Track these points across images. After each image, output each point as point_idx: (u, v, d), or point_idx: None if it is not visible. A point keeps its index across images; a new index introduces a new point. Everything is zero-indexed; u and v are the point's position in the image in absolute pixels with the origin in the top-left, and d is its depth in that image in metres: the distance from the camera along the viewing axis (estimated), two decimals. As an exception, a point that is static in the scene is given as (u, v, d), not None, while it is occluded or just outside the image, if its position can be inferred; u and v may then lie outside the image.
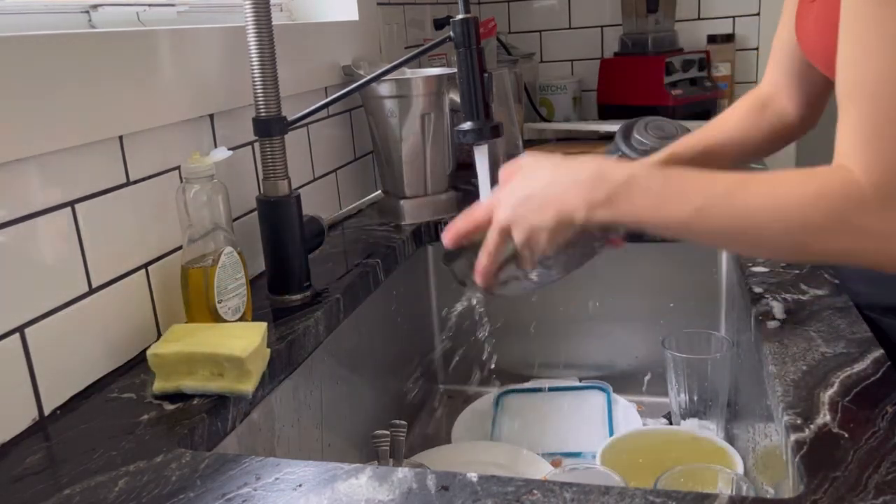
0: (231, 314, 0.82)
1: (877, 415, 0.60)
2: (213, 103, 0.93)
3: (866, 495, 0.50)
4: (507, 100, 1.39)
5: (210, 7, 1.10)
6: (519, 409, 1.18)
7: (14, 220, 0.67)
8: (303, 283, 0.94)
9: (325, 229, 1.00)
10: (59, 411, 0.71)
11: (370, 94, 1.20)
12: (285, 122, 0.91)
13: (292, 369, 0.83)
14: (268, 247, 0.93)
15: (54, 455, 0.63)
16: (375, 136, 1.24)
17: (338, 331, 0.95)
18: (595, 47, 2.02)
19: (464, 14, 0.87)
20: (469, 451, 1.05)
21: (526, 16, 2.05)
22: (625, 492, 0.52)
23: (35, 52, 0.68)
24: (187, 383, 0.71)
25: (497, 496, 0.53)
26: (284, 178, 0.92)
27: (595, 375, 1.23)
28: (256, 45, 0.87)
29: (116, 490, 0.57)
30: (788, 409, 0.62)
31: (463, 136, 0.88)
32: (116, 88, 0.77)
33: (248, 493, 0.56)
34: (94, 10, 0.88)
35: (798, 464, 0.55)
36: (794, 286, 0.86)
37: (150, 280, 0.83)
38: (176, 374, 0.71)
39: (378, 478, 0.56)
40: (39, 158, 0.69)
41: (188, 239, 0.81)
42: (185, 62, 0.88)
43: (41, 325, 0.69)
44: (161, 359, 0.71)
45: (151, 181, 0.84)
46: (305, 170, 1.17)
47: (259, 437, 0.77)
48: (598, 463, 0.90)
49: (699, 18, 1.95)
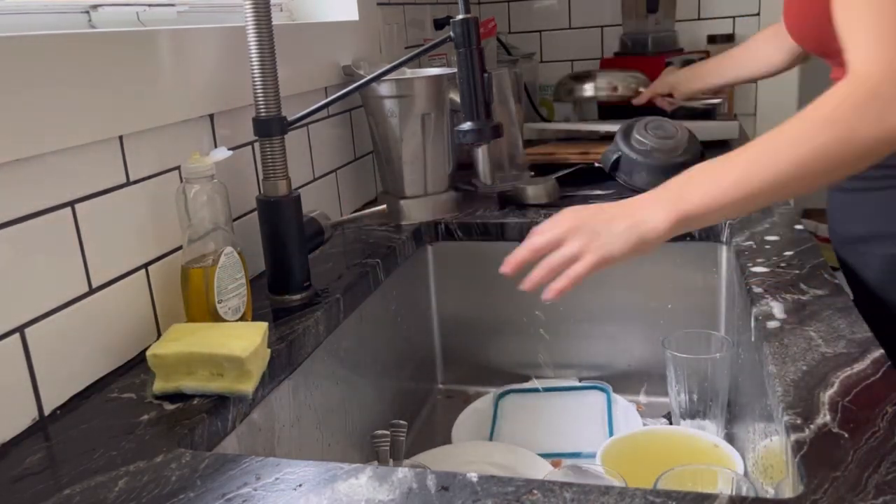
0: (231, 314, 0.82)
1: (877, 415, 0.60)
2: (213, 103, 0.93)
3: (866, 495, 0.50)
4: (507, 100, 1.39)
5: (210, 7, 1.10)
6: (519, 409, 1.18)
7: (14, 220, 0.67)
8: (303, 283, 0.94)
9: (325, 229, 1.00)
10: (59, 411, 0.71)
11: (370, 94, 1.20)
12: (285, 122, 0.91)
13: (292, 369, 0.83)
14: (268, 247, 0.93)
15: (54, 455, 0.63)
16: (375, 136, 1.24)
17: (338, 331, 0.95)
18: (595, 47, 2.02)
19: (464, 14, 0.87)
20: (469, 451, 1.05)
21: (526, 16, 2.05)
22: (625, 492, 0.52)
23: (35, 52, 0.68)
24: (187, 383, 0.70)
25: (497, 496, 0.53)
26: (284, 178, 0.92)
27: (595, 375, 1.23)
28: (256, 45, 0.87)
29: (116, 490, 0.57)
30: (788, 409, 0.62)
31: (463, 136, 0.88)
32: (116, 88, 0.77)
33: (248, 493, 0.56)
34: (94, 10, 0.88)
35: (798, 464, 0.55)
36: (794, 286, 0.86)
37: (150, 280, 0.83)
38: (176, 375, 0.71)
39: (378, 478, 0.56)
40: (39, 158, 0.69)
41: (188, 239, 0.81)
42: (185, 62, 0.88)
43: (41, 325, 0.69)
44: (160, 359, 0.71)
45: (151, 181, 0.84)
46: (305, 170, 1.17)
47: (259, 437, 0.77)
48: (599, 463, 0.90)
49: (699, 18, 1.95)
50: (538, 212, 1.23)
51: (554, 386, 1.21)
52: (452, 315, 1.28)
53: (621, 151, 1.30)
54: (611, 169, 1.31)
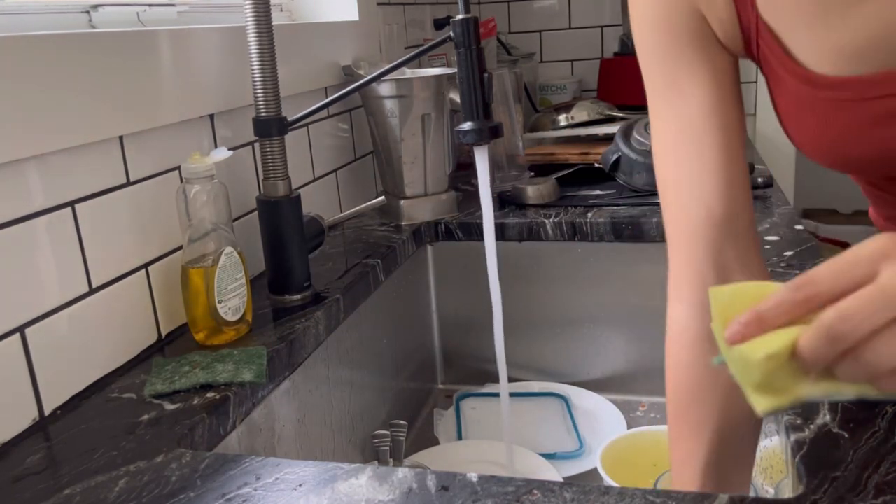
0: (231, 314, 0.82)
1: (877, 415, 0.60)
2: (213, 103, 0.93)
3: (866, 495, 0.50)
4: (507, 100, 1.39)
5: (210, 7, 1.10)
6: (482, 412, 1.19)
7: (14, 220, 0.67)
8: (303, 283, 0.94)
9: (325, 229, 1.00)
10: (59, 411, 0.71)
11: (370, 94, 1.20)
12: (285, 122, 0.91)
13: (292, 369, 0.83)
14: (268, 247, 0.93)
15: (54, 455, 0.63)
16: (375, 136, 1.24)
17: (338, 331, 0.95)
18: (595, 47, 2.02)
19: (464, 14, 0.87)
20: (469, 451, 1.05)
21: (526, 16, 2.04)
22: (625, 492, 0.52)
23: (35, 52, 0.68)
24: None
25: (497, 496, 0.53)
26: (284, 179, 0.92)
27: (596, 376, 1.23)
28: (256, 45, 0.88)
29: (116, 490, 0.57)
30: (788, 409, 0.62)
31: (463, 137, 0.88)
32: (116, 88, 0.77)
33: (248, 493, 0.56)
34: (94, 10, 0.88)
35: (798, 464, 0.55)
36: (794, 286, 0.86)
37: (150, 280, 0.83)
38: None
39: (378, 478, 0.56)
40: (39, 158, 0.69)
41: (188, 239, 0.81)
42: (185, 62, 0.88)
43: (41, 325, 0.69)
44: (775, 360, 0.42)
45: (151, 181, 0.84)
46: (305, 170, 1.17)
47: (259, 437, 0.77)
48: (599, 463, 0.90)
49: (699, 18, 1.95)
50: (538, 212, 1.23)
51: (515, 391, 1.22)
52: (452, 315, 1.28)
53: (621, 151, 1.30)
54: (611, 169, 1.32)
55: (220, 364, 0.76)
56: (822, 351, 0.40)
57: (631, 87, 1.80)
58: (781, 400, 0.42)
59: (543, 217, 1.20)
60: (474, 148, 0.87)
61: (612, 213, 1.19)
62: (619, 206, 1.22)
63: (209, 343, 0.82)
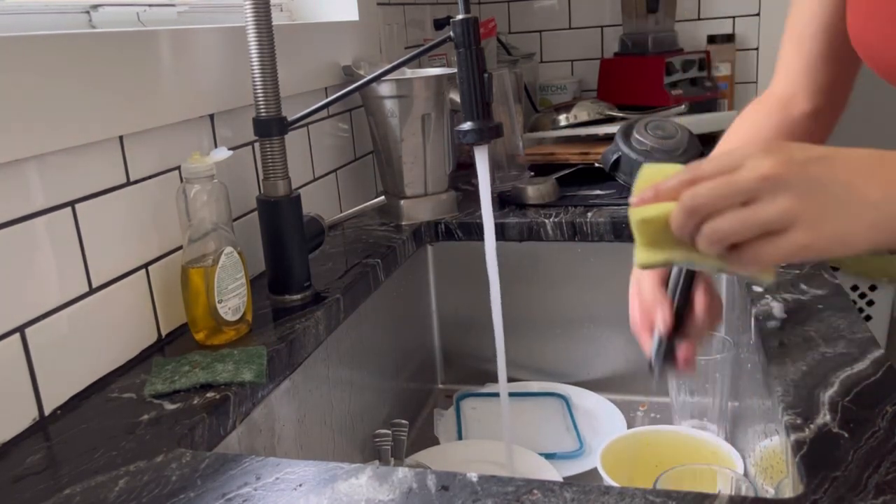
0: (231, 314, 0.82)
1: (877, 415, 0.60)
2: (213, 103, 0.93)
3: (866, 495, 0.50)
4: (507, 100, 1.39)
5: (210, 7, 1.10)
6: (482, 412, 1.19)
7: (14, 219, 0.67)
8: (303, 283, 0.94)
9: (325, 229, 1.00)
10: (59, 411, 0.71)
11: (370, 94, 1.20)
12: (285, 122, 0.91)
13: (292, 369, 0.83)
14: (268, 247, 0.93)
15: (54, 455, 0.63)
16: (375, 136, 1.24)
17: (338, 331, 0.95)
18: (595, 47, 2.02)
19: (464, 14, 0.87)
20: (469, 451, 1.05)
21: (526, 16, 2.04)
22: (625, 492, 0.52)
23: (35, 52, 0.68)
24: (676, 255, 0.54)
25: (497, 496, 0.53)
26: (284, 178, 0.92)
27: (596, 376, 1.23)
28: (256, 45, 0.88)
29: (116, 490, 0.57)
30: (788, 409, 0.62)
31: (463, 137, 0.88)
32: (116, 88, 0.77)
33: (248, 493, 0.56)
34: (94, 10, 0.88)
35: (798, 464, 0.55)
36: (794, 286, 0.86)
37: (150, 280, 0.83)
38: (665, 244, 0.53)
39: (378, 478, 0.56)
40: (39, 158, 0.69)
41: (188, 239, 0.81)
42: (185, 62, 0.88)
43: (41, 325, 0.69)
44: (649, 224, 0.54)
45: (151, 181, 0.84)
46: (305, 170, 1.17)
47: (259, 437, 0.77)
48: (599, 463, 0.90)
49: (699, 18, 1.95)
50: (538, 212, 1.23)
51: (515, 391, 1.22)
52: (452, 315, 1.28)
53: (621, 151, 1.30)
54: (611, 169, 1.32)
55: (220, 364, 0.76)
56: (680, 220, 0.50)
57: (631, 87, 1.81)
58: (657, 257, 0.54)
59: (543, 217, 1.20)
60: (474, 148, 0.87)
61: (612, 213, 1.19)
62: (620, 206, 1.22)
63: (209, 343, 0.82)
